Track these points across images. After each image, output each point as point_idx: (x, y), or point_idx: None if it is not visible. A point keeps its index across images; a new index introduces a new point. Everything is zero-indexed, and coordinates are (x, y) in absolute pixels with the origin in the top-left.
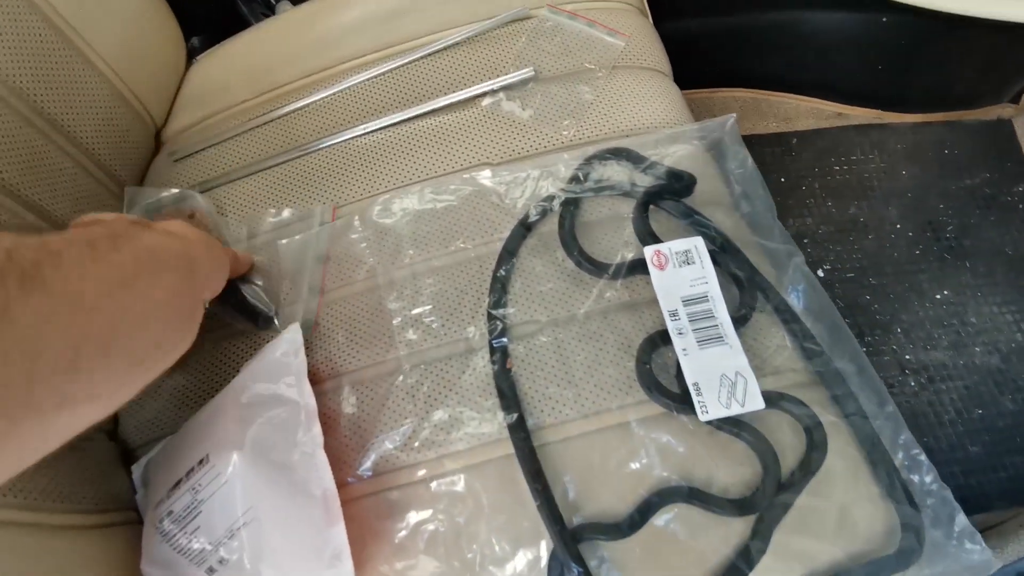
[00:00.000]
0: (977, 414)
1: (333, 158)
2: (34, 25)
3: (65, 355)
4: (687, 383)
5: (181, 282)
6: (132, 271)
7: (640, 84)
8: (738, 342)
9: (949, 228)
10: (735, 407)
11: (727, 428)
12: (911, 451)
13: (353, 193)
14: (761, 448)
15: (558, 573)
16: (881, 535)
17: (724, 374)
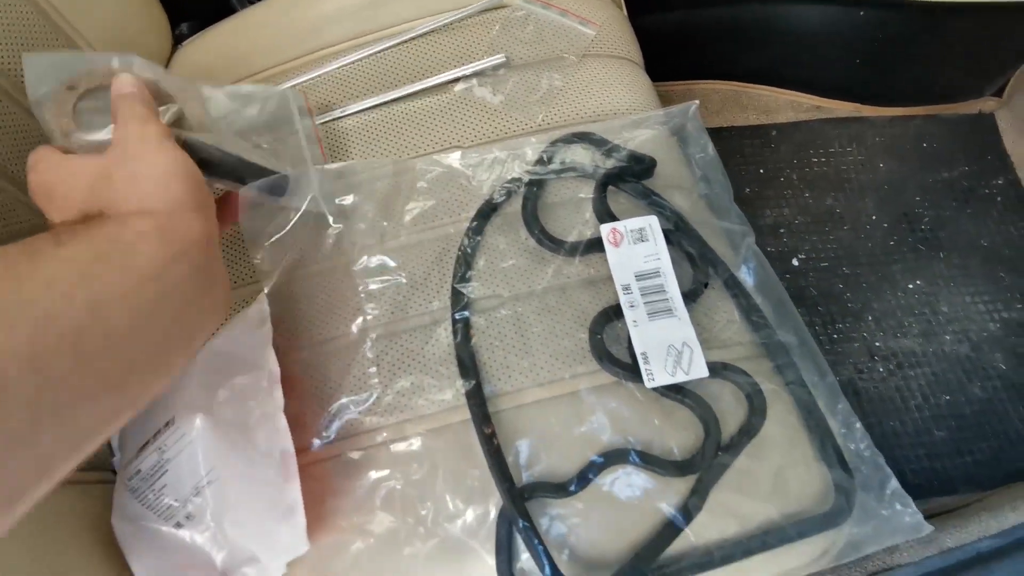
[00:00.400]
0: (944, 400)
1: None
2: (22, 9)
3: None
4: (636, 353)
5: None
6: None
7: (609, 72)
8: (686, 314)
9: (925, 220)
10: (680, 375)
11: (672, 395)
12: (848, 420)
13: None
14: (703, 413)
15: (506, 528)
16: (814, 496)
17: (671, 344)
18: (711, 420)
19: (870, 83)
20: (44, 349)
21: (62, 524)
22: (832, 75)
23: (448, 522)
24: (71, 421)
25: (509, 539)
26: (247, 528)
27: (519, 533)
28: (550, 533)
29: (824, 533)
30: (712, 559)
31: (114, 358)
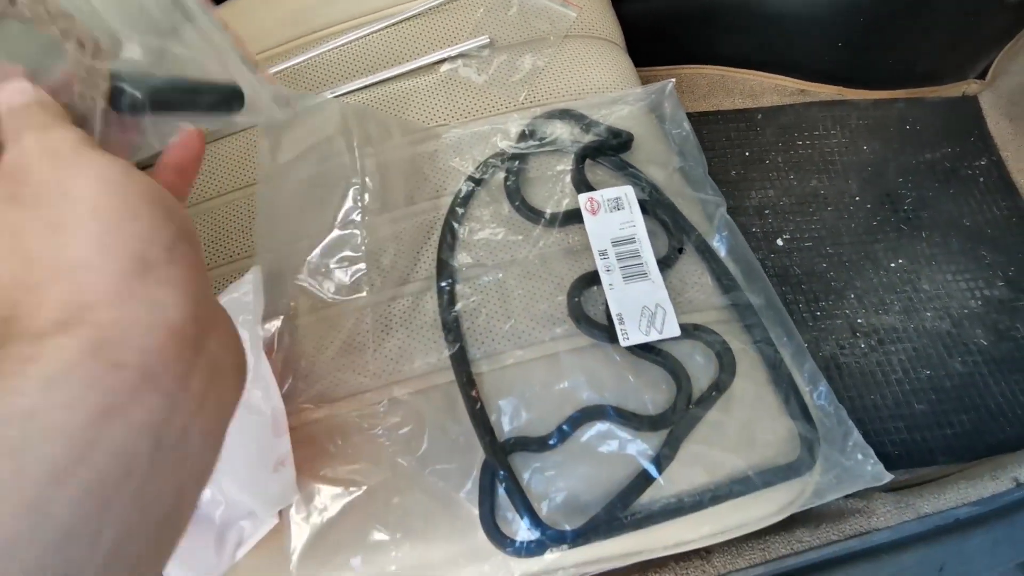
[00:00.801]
0: (925, 375)
1: None
2: None
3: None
4: (612, 314)
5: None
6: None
7: (590, 52)
8: (660, 278)
9: (907, 200)
10: (653, 334)
11: (646, 354)
12: (814, 377)
13: None
14: (675, 370)
15: (488, 479)
16: (781, 448)
17: (645, 306)
18: (683, 377)
19: (853, 67)
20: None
21: None
22: (816, 59)
23: (434, 475)
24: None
25: (492, 489)
26: (243, 483)
27: (500, 483)
28: (531, 484)
29: (790, 482)
30: (682, 505)
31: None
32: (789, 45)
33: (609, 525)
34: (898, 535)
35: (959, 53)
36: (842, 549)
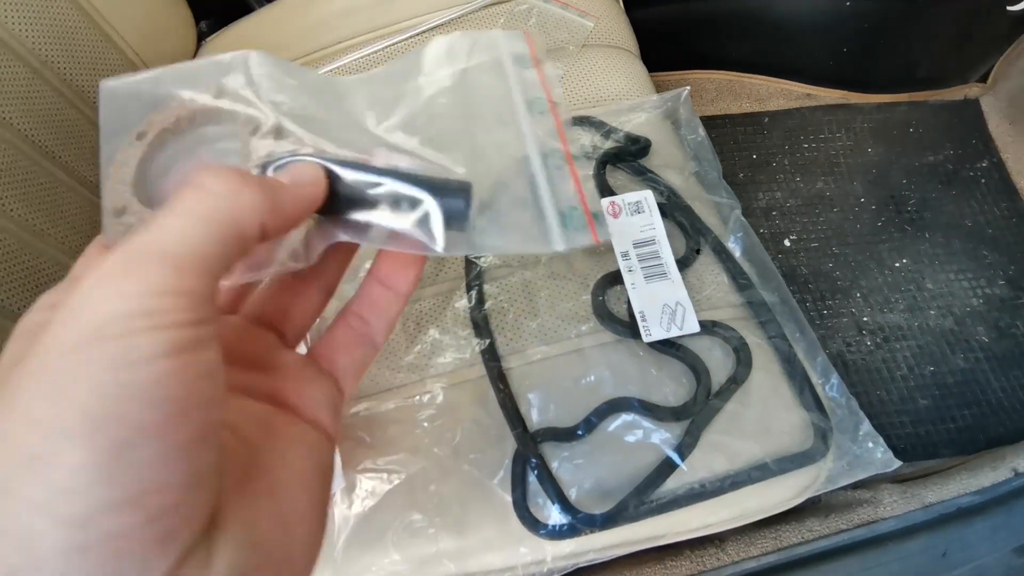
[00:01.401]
0: (928, 371)
1: None
2: (63, 8)
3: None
4: (634, 312)
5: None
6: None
7: (607, 60)
8: (679, 277)
9: (911, 202)
10: (674, 330)
11: (667, 349)
12: (826, 370)
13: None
14: (695, 365)
15: (520, 467)
16: (795, 436)
17: (666, 304)
18: (702, 371)
19: (858, 71)
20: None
21: None
22: (821, 64)
23: (468, 464)
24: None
25: (524, 477)
26: None
27: (532, 471)
28: (560, 472)
29: (804, 469)
30: (704, 491)
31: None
32: (795, 50)
33: (636, 509)
34: (904, 523)
35: (961, 57)
36: (851, 537)
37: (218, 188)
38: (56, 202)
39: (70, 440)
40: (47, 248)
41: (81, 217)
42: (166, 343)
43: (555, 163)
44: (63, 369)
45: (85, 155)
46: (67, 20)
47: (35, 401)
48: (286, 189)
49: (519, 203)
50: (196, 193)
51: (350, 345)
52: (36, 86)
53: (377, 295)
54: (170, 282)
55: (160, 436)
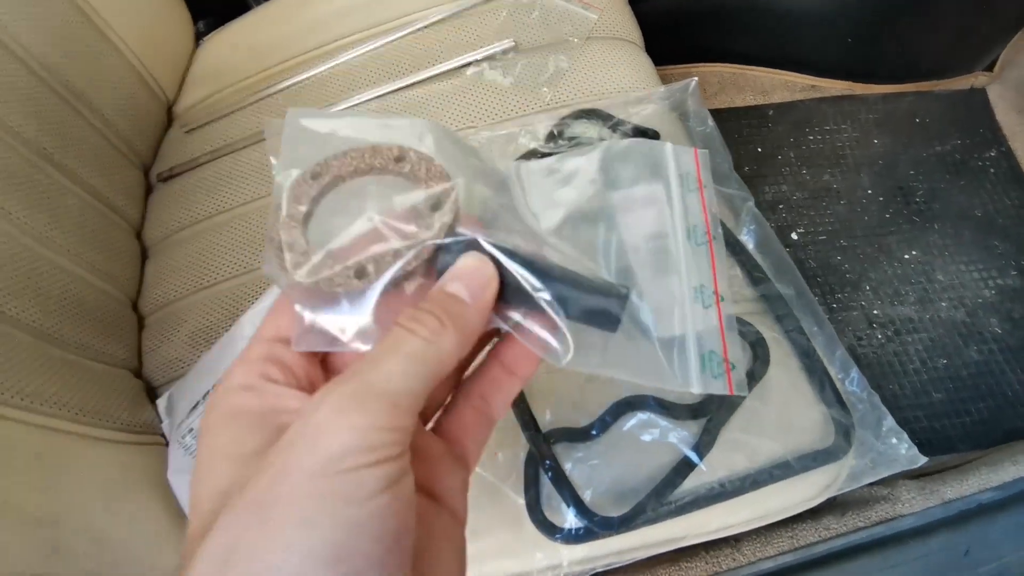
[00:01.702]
0: (941, 364)
1: None
2: (63, 9)
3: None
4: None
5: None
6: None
7: (612, 52)
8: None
9: (919, 193)
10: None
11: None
12: (846, 364)
13: None
14: None
15: (533, 469)
16: (816, 433)
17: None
18: None
19: (862, 61)
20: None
21: (119, 477)
22: (826, 55)
23: (479, 467)
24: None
25: (537, 479)
26: None
27: (545, 473)
28: (574, 473)
29: (827, 467)
30: (724, 491)
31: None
32: (799, 42)
33: (654, 511)
34: (923, 520)
35: (967, 46)
36: (869, 535)
37: (425, 334)
38: (57, 206)
39: (320, 567)
40: (47, 253)
41: (82, 221)
42: (386, 477)
43: (705, 301)
44: (308, 499)
45: (86, 158)
46: (64, 20)
47: (289, 528)
48: (471, 311)
49: (664, 339)
50: (408, 337)
51: (477, 427)
52: (34, 88)
53: (500, 378)
54: (390, 419)
55: (381, 566)
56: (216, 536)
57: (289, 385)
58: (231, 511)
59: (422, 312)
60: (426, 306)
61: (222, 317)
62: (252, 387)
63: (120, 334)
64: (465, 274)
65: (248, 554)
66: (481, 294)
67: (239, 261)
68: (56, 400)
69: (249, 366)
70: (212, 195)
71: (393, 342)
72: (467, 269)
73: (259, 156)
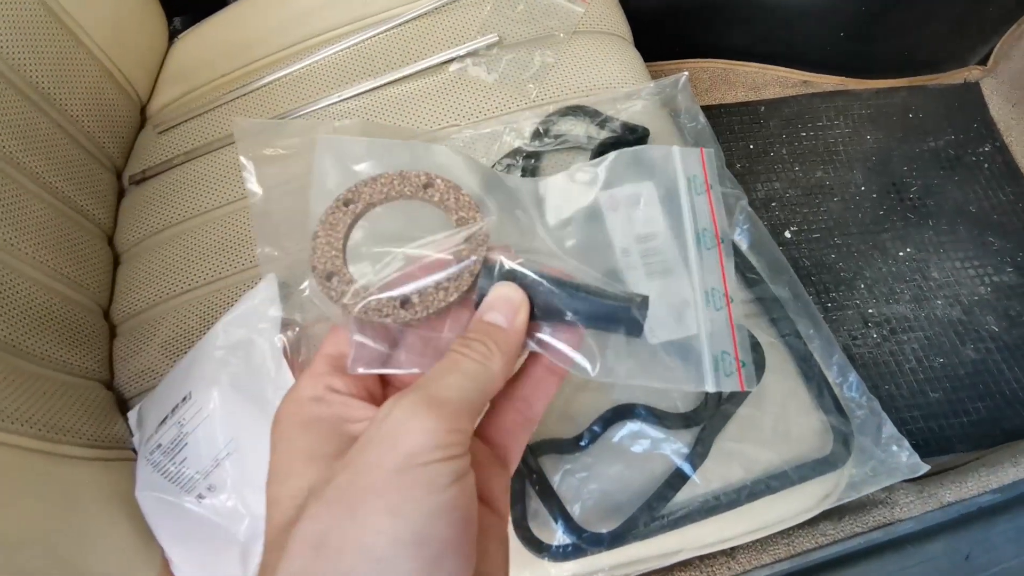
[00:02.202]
0: (938, 363)
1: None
2: (28, 4)
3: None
4: None
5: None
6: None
7: (599, 47)
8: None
9: (913, 189)
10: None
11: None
12: (843, 369)
13: None
14: None
15: (519, 483)
16: (814, 441)
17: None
18: None
19: (855, 56)
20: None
21: (85, 496)
22: (818, 49)
23: None
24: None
25: (523, 493)
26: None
27: (532, 487)
28: (562, 487)
29: (825, 476)
30: (719, 503)
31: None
32: (791, 36)
33: (646, 526)
34: (922, 525)
35: (960, 39)
36: (867, 541)
37: (477, 357)
38: (21, 212)
39: (407, 549)
40: (11, 260)
41: (49, 227)
42: (455, 472)
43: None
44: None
45: (52, 161)
46: (29, 15)
47: (377, 515)
48: (510, 335)
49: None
50: (464, 360)
51: (518, 429)
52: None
53: (543, 379)
54: (455, 423)
55: (456, 550)
56: (307, 524)
57: (352, 396)
58: (320, 503)
59: (471, 340)
60: (472, 335)
61: (197, 324)
62: (321, 399)
63: (90, 344)
64: (500, 303)
65: (340, 538)
66: (515, 318)
67: (215, 266)
68: (19, 416)
69: (316, 379)
70: (187, 198)
71: (451, 363)
72: (501, 299)
73: (236, 157)
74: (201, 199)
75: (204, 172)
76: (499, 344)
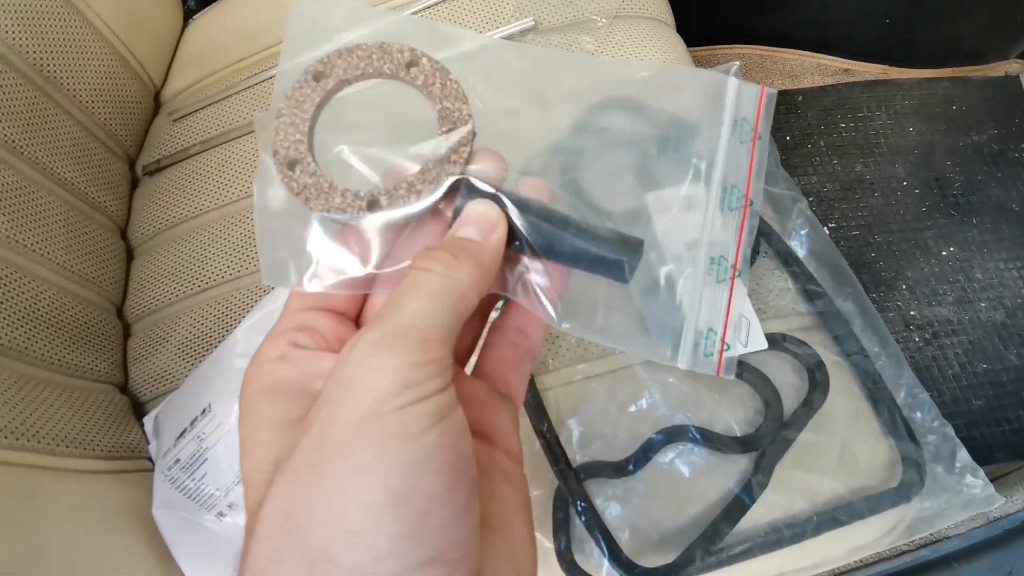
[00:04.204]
0: (981, 368)
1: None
2: None
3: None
4: None
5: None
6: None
7: (642, 33)
8: (741, 284)
9: (956, 185)
10: (738, 348)
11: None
12: (913, 389)
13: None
14: (763, 387)
15: (563, 510)
16: (883, 470)
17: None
18: (772, 394)
19: (898, 44)
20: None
21: (99, 511)
22: (860, 37)
23: None
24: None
25: (567, 521)
26: None
27: (577, 515)
28: (609, 513)
29: (893, 508)
30: (781, 537)
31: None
32: (832, 22)
33: (703, 561)
34: (968, 542)
35: (1002, 31)
36: (912, 560)
37: (441, 269)
38: (26, 205)
39: (384, 514)
40: (16, 258)
41: (58, 220)
42: (430, 414)
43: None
44: (357, 446)
45: (61, 150)
46: None
47: (343, 478)
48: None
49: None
50: (426, 275)
51: (517, 362)
52: (3, 72)
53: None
54: (423, 354)
55: (447, 501)
56: (272, 501)
57: (321, 349)
58: (284, 474)
59: (434, 251)
60: (438, 247)
61: (215, 326)
62: (284, 356)
63: (103, 345)
64: (475, 218)
65: (308, 512)
66: (490, 235)
67: (234, 263)
68: (25, 430)
69: (279, 338)
70: (204, 190)
71: (411, 283)
72: (476, 215)
73: (255, 147)
74: (219, 191)
75: (222, 162)
76: (469, 254)
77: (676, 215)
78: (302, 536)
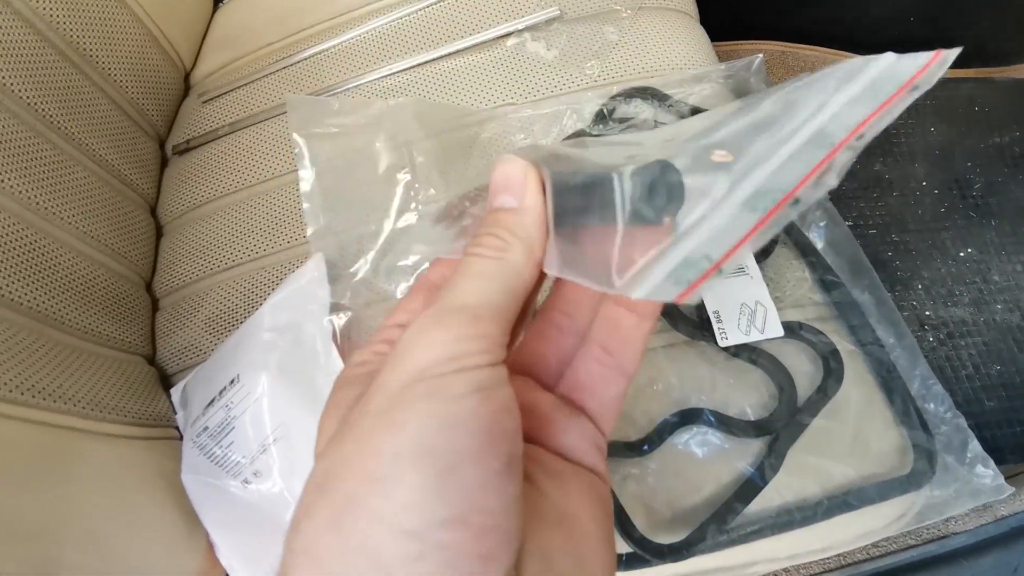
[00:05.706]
0: (995, 370)
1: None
2: None
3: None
4: (708, 312)
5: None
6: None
7: (666, 25)
8: (759, 273)
9: (976, 186)
10: (754, 334)
11: (745, 355)
12: (927, 381)
13: None
14: (777, 374)
15: None
16: (894, 458)
17: (744, 303)
18: (786, 380)
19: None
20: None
21: (130, 474)
22: (884, 34)
23: None
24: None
25: None
26: None
27: None
28: (623, 493)
29: (903, 496)
30: (792, 519)
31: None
32: (856, 19)
33: (714, 538)
34: (976, 538)
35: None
36: (920, 554)
37: (491, 253)
38: (61, 178)
39: (408, 463)
40: (52, 229)
41: (91, 195)
42: (471, 383)
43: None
44: (395, 406)
45: (95, 127)
46: None
47: (376, 433)
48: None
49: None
50: (475, 260)
51: (598, 382)
52: (40, 49)
53: (619, 319)
54: (470, 329)
55: (477, 462)
56: (316, 465)
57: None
58: (331, 444)
59: (481, 236)
60: (483, 230)
61: (241, 302)
62: (365, 362)
63: (132, 317)
64: (502, 182)
65: (341, 469)
66: (524, 194)
67: (260, 242)
68: (61, 393)
69: (367, 348)
70: (231, 170)
71: (463, 268)
72: (501, 177)
73: (282, 129)
74: (246, 172)
75: (249, 144)
76: (513, 230)
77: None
78: (333, 488)
